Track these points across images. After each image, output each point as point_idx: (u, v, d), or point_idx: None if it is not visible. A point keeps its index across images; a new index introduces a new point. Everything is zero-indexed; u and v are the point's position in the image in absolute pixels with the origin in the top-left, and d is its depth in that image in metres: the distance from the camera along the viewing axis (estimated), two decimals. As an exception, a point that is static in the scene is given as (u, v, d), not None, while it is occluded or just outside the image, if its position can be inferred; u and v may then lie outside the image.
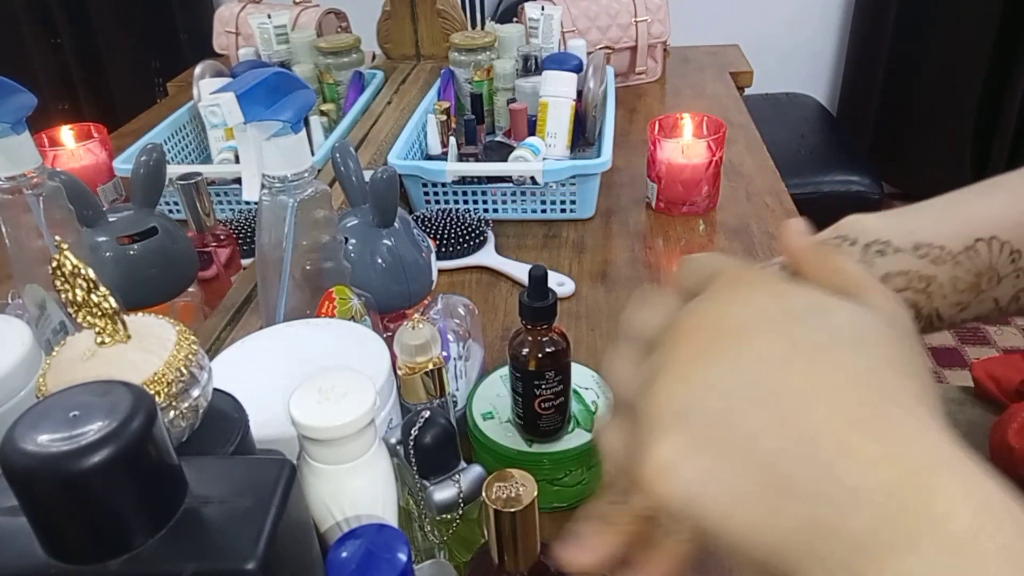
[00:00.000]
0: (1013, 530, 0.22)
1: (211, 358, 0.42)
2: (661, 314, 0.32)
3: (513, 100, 1.24)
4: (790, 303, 0.29)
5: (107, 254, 0.70)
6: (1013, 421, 0.98)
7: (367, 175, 0.73)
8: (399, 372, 0.55)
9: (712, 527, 0.26)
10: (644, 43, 1.48)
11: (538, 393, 0.58)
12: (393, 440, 0.50)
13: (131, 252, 0.70)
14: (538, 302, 0.56)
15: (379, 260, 0.71)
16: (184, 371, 0.36)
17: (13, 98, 0.57)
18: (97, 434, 0.28)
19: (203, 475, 0.33)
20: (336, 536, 0.36)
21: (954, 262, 0.39)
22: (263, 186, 0.57)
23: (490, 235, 1.01)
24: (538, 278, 0.56)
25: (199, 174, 0.80)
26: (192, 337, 0.38)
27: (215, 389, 0.40)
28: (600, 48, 1.42)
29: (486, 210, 1.07)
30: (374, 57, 1.53)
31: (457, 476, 0.51)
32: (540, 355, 0.57)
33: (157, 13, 2.18)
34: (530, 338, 0.58)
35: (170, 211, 0.97)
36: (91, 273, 0.35)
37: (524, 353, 0.58)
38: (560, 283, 0.92)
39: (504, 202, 1.06)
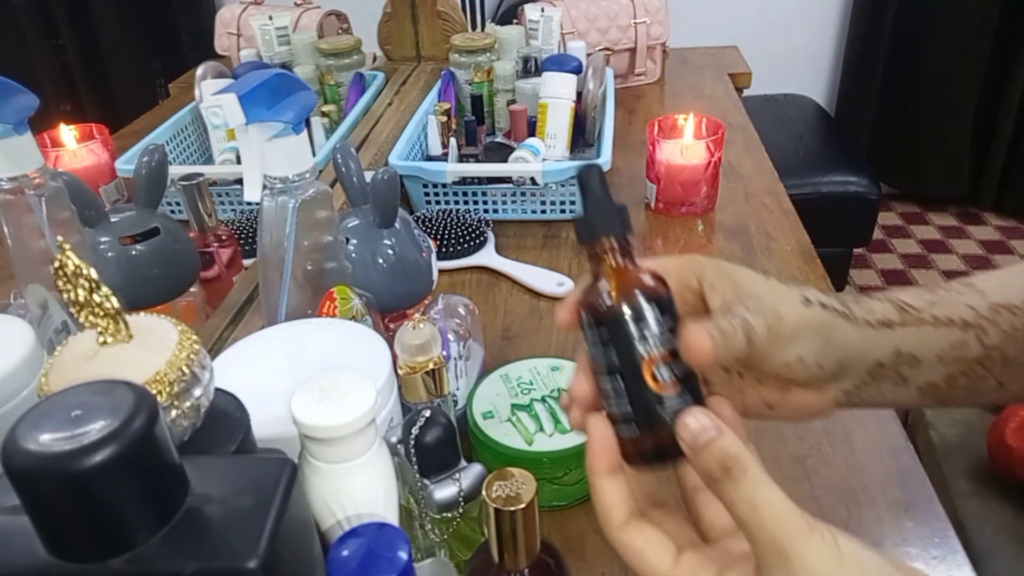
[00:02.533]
0: None
1: (213, 358, 0.43)
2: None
3: (513, 101, 1.24)
4: None
5: (109, 254, 0.70)
6: (1011, 421, 0.98)
7: (368, 176, 0.74)
8: (400, 371, 0.55)
9: None
10: (643, 44, 1.48)
11: (647, 352, 0.34)
12: (394, 439, 0.50)
13: (133, 252, 0.70)
14: (608, 203, 0.36)
15: (380, 260, 0.71)
16: (186, 371, 0.37)
17: (15, 99, 0.57)
18: (99, 433, 0.28)
19: (205, 474, 0.33)
20: (337, 535, 0.36)
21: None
22: (264, 187, 0.57)
23: (490, 235, 1.02)
24: (592, 178, 0.36)
25: (201, 175, 0.80)
26: (194, 337, 0.38)
27: (217, 388, 0.40)
28: (599, 50, 1.42)
29: (486, 211, 1.07)
30: (375, 58, 1.53)
31: (457, 475, 0.51)
32: (638, 285, 0.35)
33: (159, 14, 2.17)
34: (612, 263, 0.36)
35: (172, 211, 0.97)
36: (93, 273, 0.35)
37: (610, 292, 0.35)
38: (560, 283, 0.92)
39: (504, 203, 1.06)
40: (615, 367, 0.35)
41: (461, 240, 0.97)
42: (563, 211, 1.06)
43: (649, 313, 0.34)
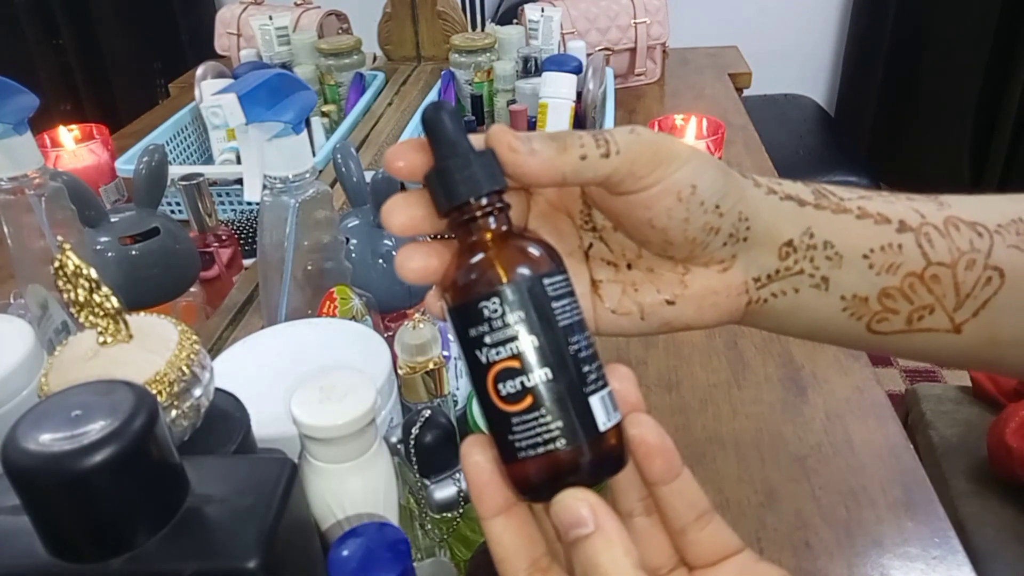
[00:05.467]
0: None
1: (213, 358, 0.43)
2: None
3: (513, 101, 1.24)
4: None
5: (109, 254, 0.70)
6: (1011, 420, 0.98)
7: (368, 176, 0.74)
8: (400, 371, 0.55)
9: None
10: (643, 45, 1.48)
11: (487, 356, 0.26)
12: (394, 439, 0.50)
13: (133, 252, 0.70)
14: (467, 151, 0.27)
15: (380, 260, 0.71)
16: (186, 371, 0.37)
17: (15, 99, 0.57)
18: (99, 433, 0.28)
19: (205, 474, 0.33)
20: (337, 535, 0.36)
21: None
22: (265, 187, 0.57)
23: (490, 236, 1.01)
24: (443, 120, 0.27)
25: (201, 175, 0.80)
26: (194, 337, 0.38)
27: (217, 388, 0.40)
28: (599, 50, 1.42)
29: (486, 211, 1.07)
30: (375, 58, 1.53)
31: (457, 475, 0.51)
32: (484, 265, 0.26)
33: (159, 14, 2.18)
34: (476, 234, 0.27)
35: (172, 211, 0.97)
36: (93, 273, 0.35)
37: (467, 275, 0.26)
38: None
39: (504, 203, 1.06)
40: (469, 375, 0.27)
41: (461, 240, 0.97)
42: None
43: (491, 305, 0.25)
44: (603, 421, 0.25)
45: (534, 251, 0.26)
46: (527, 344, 0.25)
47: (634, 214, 0.30)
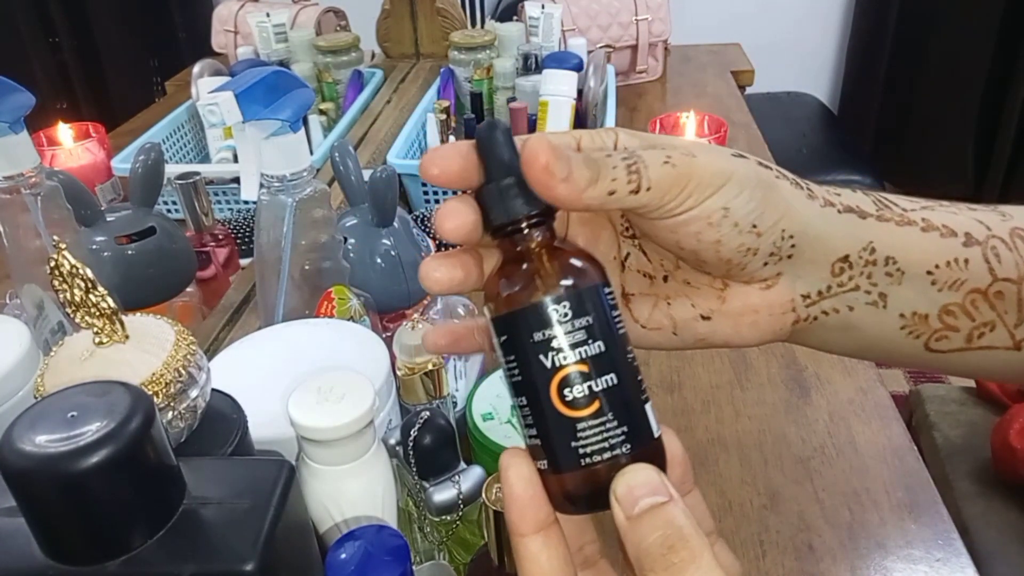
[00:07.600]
0: None
1: (209, 358, 0.42)
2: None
3: (513, 99, 1.24)
4: None
5: (105, 254, 0.69)
6: (1015, 422, 0.98)
7: (366, 174, 0.73)
8: (398, 372, 0.54)
9: None
10: (645, 42, 1.48)
11: (554, 362, 0.25)
12: (392, 441, 0.50)
13: (129, 252, 0.70)
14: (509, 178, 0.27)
15: (378, 260, 0.71)
16: (182, 371, 0.36)
17: (11, 97, 0.57)
18: (95, 435, 0.28)
19: (201, 476, 0.33)
20: (335, 537, 0.36)
21: None
22: (262, 185, 0.56)
23: (490, 235, 1.01)
24: (497, 140, 0.27)
25: (197, 173, 0.80)
26: (190, 337, 0.38)
27: (213, 390, 0.40)
28: (601, 47, 1.42)
29: (486, 209, 1.06)
30: (373, 56, 1.52)
31: (456, 477, 0.50)
32: (556, 272, 0.26)
33: (156, 12, 2.17)
34: (525, 247, 0.27)
35: (168, 211, 0.97)
36: (89, 273, 0.35)
37: (515, 284, 0.27)
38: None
39: (504, 201, 1.06)
40: (517, 383, 0.26)
41: (460, 239, 0.97)
42: (563, 210, 1.06)
43: (561, 309, 0.25)
44: (655, 428, 0.26)
45: (589, 262, 0.27)
46: (595, 349, 0.25)
47: (660, 235, 0.30)
